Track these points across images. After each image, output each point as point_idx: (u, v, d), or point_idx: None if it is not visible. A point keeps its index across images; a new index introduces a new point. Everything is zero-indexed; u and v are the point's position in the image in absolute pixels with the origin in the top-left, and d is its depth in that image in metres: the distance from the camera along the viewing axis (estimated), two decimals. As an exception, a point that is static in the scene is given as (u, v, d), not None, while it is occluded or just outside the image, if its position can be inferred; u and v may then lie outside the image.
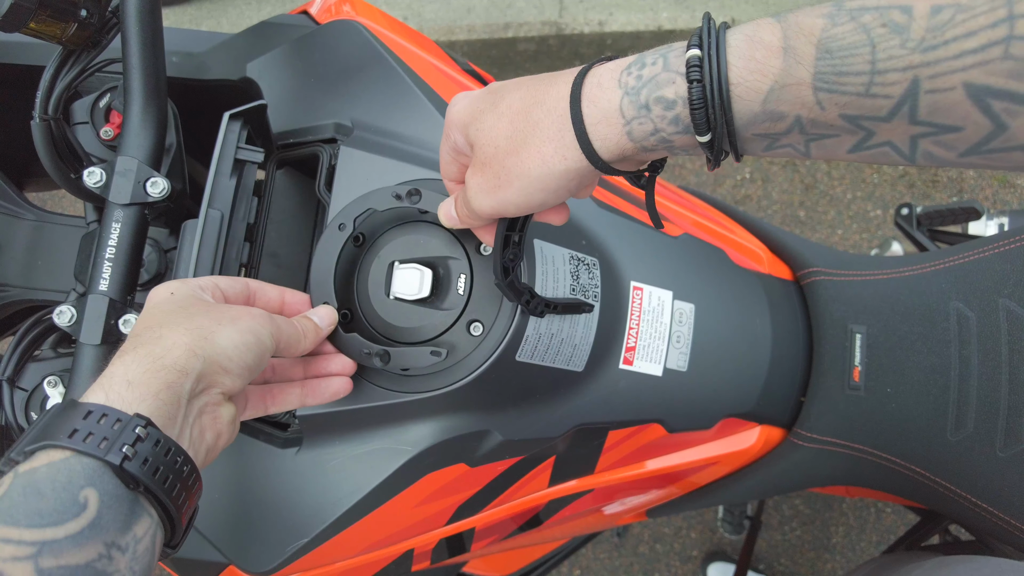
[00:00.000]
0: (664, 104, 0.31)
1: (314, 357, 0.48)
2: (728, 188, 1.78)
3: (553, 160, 0.34)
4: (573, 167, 0.34)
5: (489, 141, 0.36)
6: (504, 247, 0.41)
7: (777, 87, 0.29)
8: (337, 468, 0.51)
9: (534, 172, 0.35)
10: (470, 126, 0.37)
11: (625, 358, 0.56)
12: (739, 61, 0.29)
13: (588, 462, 0.61)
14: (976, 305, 0.69)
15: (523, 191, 0.35)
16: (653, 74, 0.31)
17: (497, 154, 0.36)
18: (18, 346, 0.54)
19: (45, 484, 0.29)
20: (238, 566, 0.54)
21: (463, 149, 0.39)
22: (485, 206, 0.37)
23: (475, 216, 0.39)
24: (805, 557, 1.56)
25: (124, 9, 0.48)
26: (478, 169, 0.37)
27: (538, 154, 0.34)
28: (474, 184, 0.38)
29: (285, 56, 0.58)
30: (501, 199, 0.36)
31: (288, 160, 0.58)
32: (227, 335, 0.38)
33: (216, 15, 2.15)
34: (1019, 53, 0.23)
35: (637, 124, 0.32)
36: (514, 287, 0.43)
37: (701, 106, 0.30)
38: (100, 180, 0.49)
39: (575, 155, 0.34)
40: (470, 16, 2.01)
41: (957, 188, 1.69)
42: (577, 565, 1.63)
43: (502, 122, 0.35)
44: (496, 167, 0.36)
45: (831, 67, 0.27)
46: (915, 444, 0.68)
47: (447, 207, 0.43)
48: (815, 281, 0.74)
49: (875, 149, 0.29)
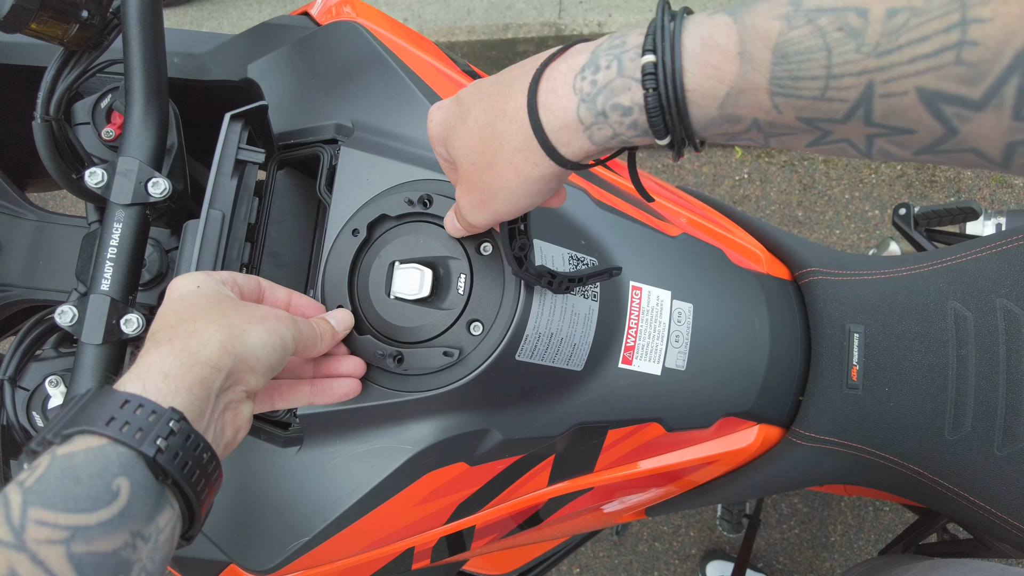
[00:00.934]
0: (621, 111, 0.31)
1: (326, 357, 0.48)
2: (726, 188, 1.78)
3: (526, 169, 0.34)
4: (547, 172, 0.34)
5: (466, 158, 0.37)
6: (511, 239, 0.42)
7: (733, 92, 0.29)
8: (338, 467, 0.52)
9: (512, 183, 0.35)
10: (448, 141, 0.38)
11: (624, 357, 0.56)
12: (695, 67, 0.29)
13: (587, 461, 0.61)
14: (974, 305, 0.69)
15: (508, 201, 0.36)
16: (608, 80, 0.31)
17: (475, 171, 0.36)
18: (20, 345, 0.54)
19: (82, 470, 0.30)
20: (239, 564, 0.54)
21: (450, 160, 0.39)
22: (479, 220, 0.39)
23: (474, 227, 0.40)
24: (803, 555, 1.57)
25: (125, 10, 0.48)
26: (463, 187, 0.38)
27: (511, 166, 0.35)
28: (464, 202, 0.39)
29: (286, 57, 0.58)
30: (492, 212, 0.38)
31: (289, 161, 0.58)
32: (256, 335, 0.38)
33: (217, 16, 2.15)
34: (970, 58, 0.23)
35: (596, 129, 0.32)
36: (531, 274, 0.44)
37: (658, 113, 0.30)
38: (101, 180, 0.49)
39: (544, 161, 0.34)
40: (470, 17, 2.01)
41: (955, 188, 1.70)
42: (577, 563, 1.63)
43: (472, 139, 0.36)
44: (478, 183, 0.37)
45: (787, 72, 0.27)
46: (913, 443, 0.69)
47: (450, 220, 0.44)
48: (813, 281, 0.74)
49: (833, 145, 0.30)
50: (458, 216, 0.42)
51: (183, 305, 0.39)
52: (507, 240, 0.41)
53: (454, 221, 0.44)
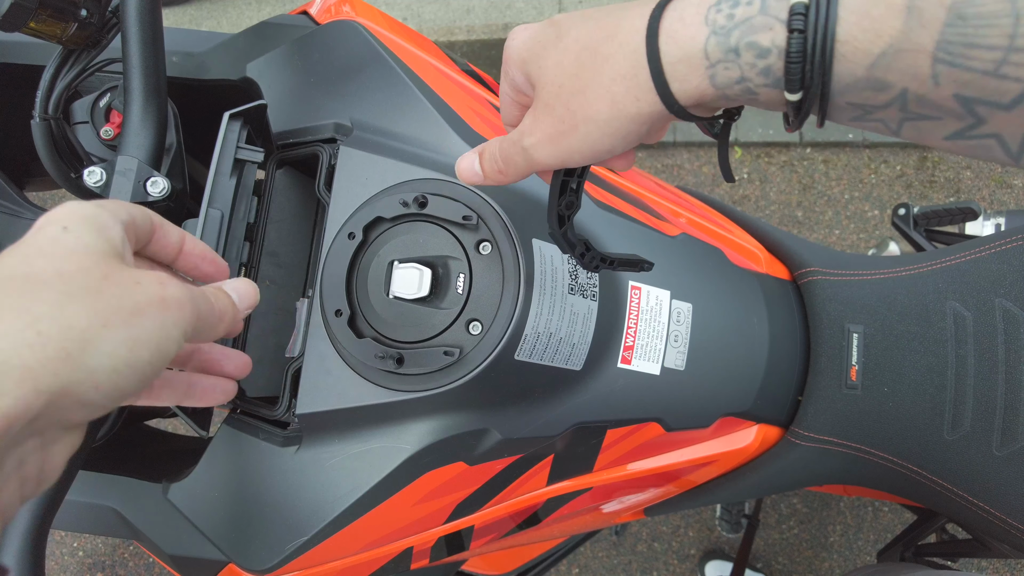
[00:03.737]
0: (756, 51, 0.27)
1: (209, 347, 0.39)
2: (726, 188, 1.78)
3: (624, 101, 0.30)
4: (646, 110, 0.30)
5: (552, 79, 0.32)
6: (560, 194, 0.37)
7: (890, 52, 0.25)
8: (336, 466, 0.52)
9: (603, 115, 0.31)
10: (530, 62, 0.33)
11: (623, 357, 0.56)
12: (851, 16, 0.25)
13: (586, 461, 0.61)
14: (973, 305, 0.69)
15: (589, 137, 0.32)
16: (747, 15, 0.27)
17: (561, 94, 0.32)
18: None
19: None
20: (238, 564, 0.54)
21: (523, 88, 0.35)
22: (545, 156, 0.33)
23: (515, 168, 0.35)
24: (802, 555, 1.57)
25: (124, 9, 0.48)
26: (540, 112, 0.33)
27: (606, 95, 0.30)
28: (535, 131, 0.33)
29: (285, 56, 0.58)
30: (565, 148, 0.32)
31: (288, 160, 0.58)
32: (109, 349, 0.25)
33: (216, 15, 2.15)
34: None
35: (722, 69, 0.28)
36: (568, 239, 0.41)
37: (799, 60, 0.26)
38: (100, 180, 0.49)
39: (649, 97, 0.30)
40: (469, 17, 2.01)
41: (954, 188, 1.70)
42: (576, 563, 1.63)
43: (567, 58, 0.31)
44: (560, 110, 0.32)
45: (961, 36, 0.23)
46: (912, 443, 0.69)
47: (469, 162, 0.38)
48: (812, 281, 0.74)
49: (976, 140, 0.26)
50: (488, 156, 0.36)
51: (18, 267, 0.25)
52: (556, 192, 0.37)
53: (474, 164, 0.38)
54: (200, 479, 0.55)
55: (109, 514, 0.57)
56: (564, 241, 0.41)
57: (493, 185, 0.38)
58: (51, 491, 0.42)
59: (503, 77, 0.36)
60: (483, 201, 0.48)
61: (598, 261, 0.45)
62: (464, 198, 0.48)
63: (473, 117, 0.56)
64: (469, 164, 0.38)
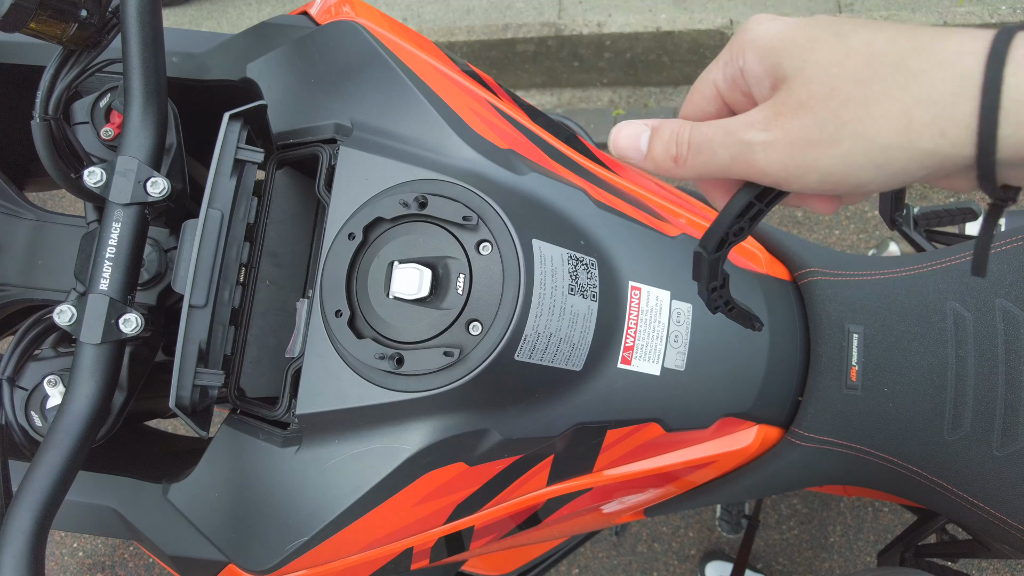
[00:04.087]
0: None
1: None
2: (726, 188, 1.79)
3: (923, 131, 0.25)
4: (946, 150, 0.25)
5: (821, 78, 0.26)
6: (739, 214, 0.32)
7: None
8: (336, 467, 0.52)
9: (885, 138, 0.25)
10: (787, 53, 0.28)
11: (623, 357, 0.56)
12: None
13: (586, 461, 0.61)
14: (972, 305, 0.69)
15: (849, 159, 0.26)
16: None
17: (832, 98, 0.26)
18: (18, 345, 0.54)
19: None
20: (238, 564, 0.54)
21: (754, 79, 0.29)
22: (772, 162, 0.28)
23: (706, 162, 0.30)
24: (803, 556, 1.57)
25: (124, 9, 0.48)
26: (789, 110, 0.27)
27: (903, 116, 0.25)
28: (772, 128, 0.28)
29: (285, 57, 0.58)
30: (809, 162, 0.27)
31: (288, 160, 0.58)
32: None
33: (216, 16, 2.15)
34: None
35: None
36: (714, 268, 0.36)
37: None
38: (100, 180, 0.49)
39: (960, 135, 0.24)
40: (469, 17, 2.01)
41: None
42: (576, 564, 1.63)
43: (853, 60, 0.26)
44: (823, 114, 0.26)
45: None
46: (912, 443, 0.69)
47: (633, 133, 0.32)
48: (812, 281, 0.74)
49: None
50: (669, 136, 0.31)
51: None
52: (734, 211, 0.31)
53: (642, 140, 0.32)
54: (200, 479, 0.55)
55: (109, 514, 0.57)
56: (712, 268, 0.35)
57: (650, 171, 0.32)
58: (51, 491, 0.42)
59: (722, 64, 0.30)
60: (483, 201, 0.48)
61: (722, 302, 0.40)
62: (464, 198, 0.48)
63: (473, 117, 0.56)
64: (632, 136, 0.32)
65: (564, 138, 0.64)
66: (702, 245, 0.34)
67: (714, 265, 0.35)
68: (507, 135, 0.58)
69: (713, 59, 0.32)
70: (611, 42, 1.86)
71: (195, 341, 0.50)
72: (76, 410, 0.46)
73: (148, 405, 0.67)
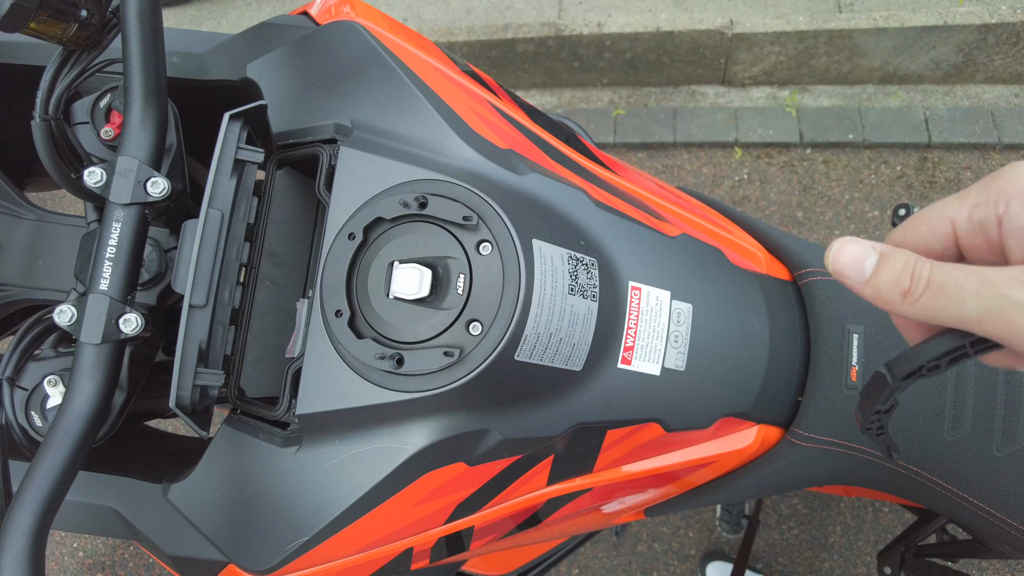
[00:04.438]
0: None
1: None
2: (726, 189, 1.79)
3: None
4: None
5: None
6: (946, 354, 0.30)
7: None
8: (336, 467, 0.52)
9: None
10: None
11: (623, 357, 0.56)
12: None
13: (586, 461, 0.61)
14: (973, 305, 0.69)
15: None
16: None
17: None
18: (18, 345, 0.54)
19: None
20: (238, 564, 0.54)
21: (1014, 231, 0.26)
22: None
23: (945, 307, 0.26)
24: (803, 556, 1.57)
25: (124, 9, 0.48)
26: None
27: None
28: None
29: (285, 57, 0.58)
30: None
31: (288, 160, 0.58)
32: None
33: (216, 16, 2.15)
34: None
35: None
36: (891, 394, 0.34)
37: None
38: (100, 180, 0.49)
39: None
40: (469, 17, 2.01)
41: (954, 189, 1.70)
42: (576, 564, 1.63)
43: None
44: None
45: None
46: (912, 443, 0.69)
47: (857, 253, 0.29)
48: (813, 281, 0.74)
49: None
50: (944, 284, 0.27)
51: None
52: (939, 349, 0.30)
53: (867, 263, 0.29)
54: (200, 479, 0.55)
55: (109, 514, 0.57)
56: (891, 394, 0.34)
57: (868, 297, 0.29)
58: (51, 491, 0.42)
59: (971, 203, 0.27)
60: (483, 201, 0.48)
61: (876, 427, 0.39)
62: (464, 199, 0.48)
63: (473, 117, 0.56)
64: (856, 258, 0.29)
65: (564, 138, 0.64)
66: (889, 368, 0.32)
67: (893, 392, 0.34)
68: (507, 135, 0.58)
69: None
70: (611, 42, 1.86)
71: (195, 341, 0.50)
72: (76, 410, 0.46)
73: (148, 405, 0.67)
